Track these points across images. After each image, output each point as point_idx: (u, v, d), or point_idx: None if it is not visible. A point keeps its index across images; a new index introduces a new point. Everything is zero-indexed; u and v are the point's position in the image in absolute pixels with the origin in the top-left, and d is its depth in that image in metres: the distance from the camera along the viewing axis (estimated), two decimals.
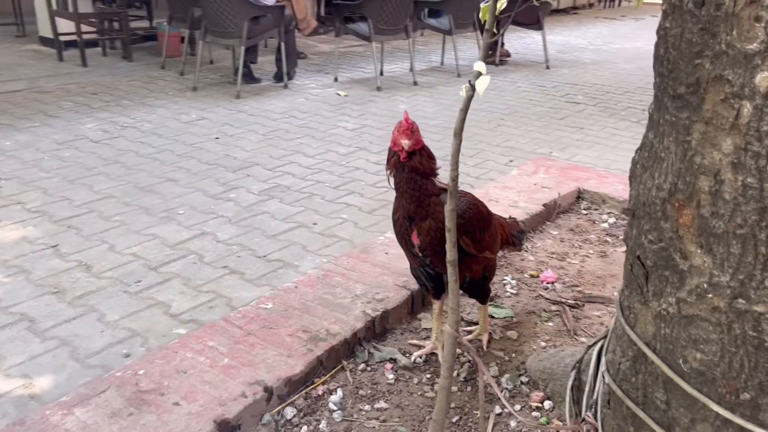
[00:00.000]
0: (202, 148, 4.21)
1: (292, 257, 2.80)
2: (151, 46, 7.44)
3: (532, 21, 7.22)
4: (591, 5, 14.00)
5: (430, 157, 1.56)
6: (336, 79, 6.27)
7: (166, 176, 3.69)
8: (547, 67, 7.20)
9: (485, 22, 1.22)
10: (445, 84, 6.31)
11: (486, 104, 5.57)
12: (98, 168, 3.78)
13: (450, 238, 1.30)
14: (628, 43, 9.33)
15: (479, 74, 1.18)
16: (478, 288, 1.67)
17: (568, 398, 1.41)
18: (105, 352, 2.13)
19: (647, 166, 0.98)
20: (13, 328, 2.24)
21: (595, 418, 1.25)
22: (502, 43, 7.33)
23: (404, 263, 2.08)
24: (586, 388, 1.36)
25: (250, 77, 5.92)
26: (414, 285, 1.92)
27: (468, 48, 7.96)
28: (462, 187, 3.57)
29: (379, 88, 5.95)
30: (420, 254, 1.58)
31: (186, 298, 2.46)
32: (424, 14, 6.98)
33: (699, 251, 0.89)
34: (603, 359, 1.31)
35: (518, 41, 8.73)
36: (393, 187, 1.60)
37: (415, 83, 6.23)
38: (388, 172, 1.58)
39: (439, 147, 4.35)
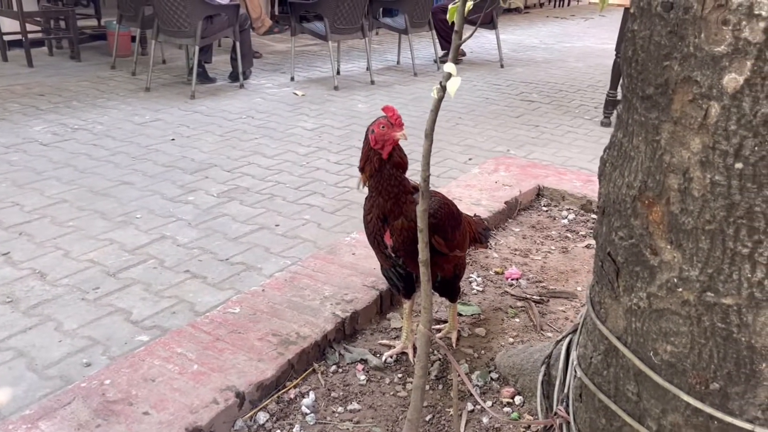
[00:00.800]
0: (158, 150, 4.12)
1: (255, 260, 2.76)
2: (99, 46, 7.24)
3: (486, 20, 7.30)
4: (542, 4, 14.24)
5: (404, 154, 1.56)
6: (292, 79, 6.23)
7: (122, 179, 3.60)
8: (502, 66, 7.30)
9: (452, 23, 1.23)
10: (402, 83, 6.33)
11: (444, 104, 5.57)
12: (49, 172, 3.67)
13: (422, 238, 1.31)
14: (579, 42, 9.53)
15: (449, 75, 1.19)
16: (449, 286, 1.69)
17: (539, 393, 1.44)
18: (64, 362, 2.07)
19: (617, 165, 1.01)
20: None
21: (567, 412, 1.27)
22: None
23: (372, 263, 2.09)
24: (557, 383, 1.38)
25: (204, 77, 5.82)
26: (383, 285, 1.92)
27: (423, 47, 7.99)
28: (438, 187, 3.60)
29: (336, 88, 5.93)
30: (392, 254, 1.58)
31: (147, 304, 2.40)
32: (379, 13, 6.99)
33: (669, 247, 0.91)
34: (573, 354, 1.34)
35: (471, 41, 8.81)
36: (360, 188, 1.60)
37: (373, 82, 6.24)
38: (366, 174, 1.56)
39: (402, 145, 4.37)
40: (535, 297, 2.01)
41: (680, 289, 0.91)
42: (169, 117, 4.85)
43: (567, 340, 1.46)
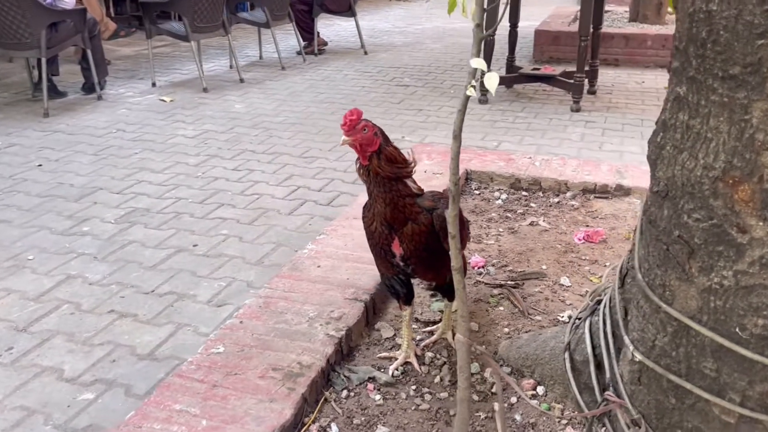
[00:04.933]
0: (26, 179, 3.65)
1: (184, 287, 2.53)
2: None
3: (344, 8, 7.25)
4: None
5: (390, 160, 1.46)
6: (154, 84, 5.80)
7: None
8: (366, 53, 7.30)
9: (472, 17, 1.16)
10: (272, 79, 6.12)
11: (321, 95, 5.50)
12: None
13: (454, 245, 1.24)
14: (428, 24, 9.77)
15: (481, 71, 1.12)
16: (453, 287, 1.63)
17: (573, 382, 1.43)
18: None
19: (683, 148, 1.01)
20: None
21: (617, 396, 1.27)
22: (318, 32, 7.28)
23: (343, 274, 1.98)
24: (592, 368, 1.38)
25: (54, 91, 5.25)
26: (364, 296, 1.83)
27: (282, 40, 7.78)
28: (360, 181, 3.51)
29: (205, 89, 5.60)
30: (401, 263, 1.49)
31: (78, 357, 2.12)
32: (236, 8, 6.69)
33: (761, 224, 0.93)
34: (609, 336, 1.34)
35: (326, 29, 8.72)
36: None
37: (242, 80, 5.97)
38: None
39: (293, 144, 4.23)
40: (509, 282, 2.01)
41: None
42: (26, 140, 4.32)
43: (587, 324, 1.46)
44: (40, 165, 3.86)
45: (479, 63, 1.10)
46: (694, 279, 1.05)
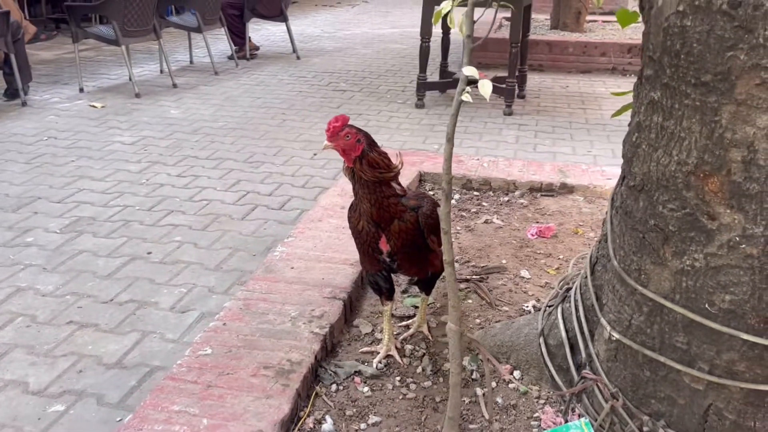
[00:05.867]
0: None
1: (144, 294, 2.51)
2: None
3: (275, 13, 7.24)
4: None
5: (373, 165, 1.53)
6: (82, 90, 5.61)
7: None
8: (298, 58, 7.32)
9: (460, 28, 1.25)
10: (206, 83, 6.05)
11: (259, 100, 5.49)
12: None
13: (447, 240, 1.33)
14: (357, 29, 9.87)
15: (473, 79, 1.21)
16: (433, 280, 1.73)
17: (549, 363, 1.54)
18: None
19: (658, 146, 1.13)
20: None
21: (593, 374, 1.40)
22: (249, 37, 7.23)
23: (317, 274, 2.03)
24: (567, 350, 1.51)
25: None
26: (342, 294, 1.89)
27: (214, 44, 7.68)
28: (310, 186, 3.53)
29: (137, 95, 5.47)
30: (387, 259, 1.57)
31: (43, 369, 2.07)
32: (165, 12, 6.56)
33: (728, 211, 1.06)
34: (582, 320, 1.47)
35: (255, 33, 8.66)
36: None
37: (175, 85, 5.87)
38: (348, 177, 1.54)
39: (236, 149, 4.22)
40: (474, 277, 2.12)
41: (743, 246, 1.06)
42: None
43: (559, 310, 1.59)
44: None
45: (471, 71, 1.19)
46: (668, 263, 1.18)
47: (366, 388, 1.62)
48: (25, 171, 3.77)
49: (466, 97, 1.19)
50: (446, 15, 1.35)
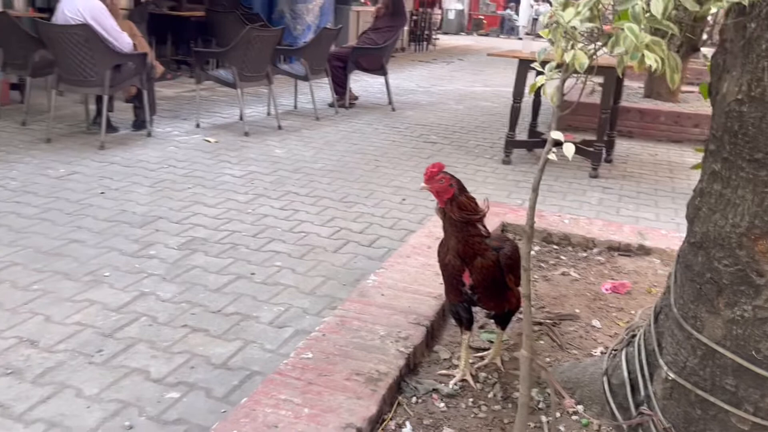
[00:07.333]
0: (91, 204, 3.97)
1: (247, 309, 2.82)
2: None
3: (376, 67, 7.73)
4: (403, 49, 15.10)
5: (462, 208, 1.78)
6: (198, 125, 6.19)
7: (68, 237, 3.45)
8: (393, 109, 7.74)
9: (551, 99, 1.50)
10: (308, 128, 6.52)
11: (355, 146, 5.88)
12: None
13: (525, 276, 1.55)
14: (450, 85, 10.29)
15: (558, 141, 1.44)
16: (509, 317, 1.94)
17: (610, 400, 1.71)
18: (103, 427, 2.03)
19: (716, 209, 1.33)
20: None
21: (649, 410, 1.56)
22: (350, 87, 7.73)
23: (404, 303, 2.27)
24: (628, 389, 1.67)
25: (108, 126, 5.63)
26: (426, 321, 2.12)
27: (316, 91, 8.24)
28: (397, 228, 3.81)
29: (247, 134, 5.99)
30: (469, 291, 1.80)
31: (161, 362, 2.39)
32: (280, 61, 7.16)
33: None
34: (644, 363, 1.63)
35: (355, 84, 9.20)
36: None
37: (280, 127, 6.37)
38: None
39: (333, 189, 4.57)
40: (548, 321, 2.30)
41: None
42: (86, 170, 4.67)
43: (623, 353, 1.76)
44: (102, 192, 4.19)
45: (558, 135, 1.43)
46: (721, 312, 1.35)
47: (442, 404, 1.83)
48: (149, 193, 4.25)
49: (552, 157, 1.42)
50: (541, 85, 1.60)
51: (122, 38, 5.22)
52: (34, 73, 5.69)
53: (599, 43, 1.41)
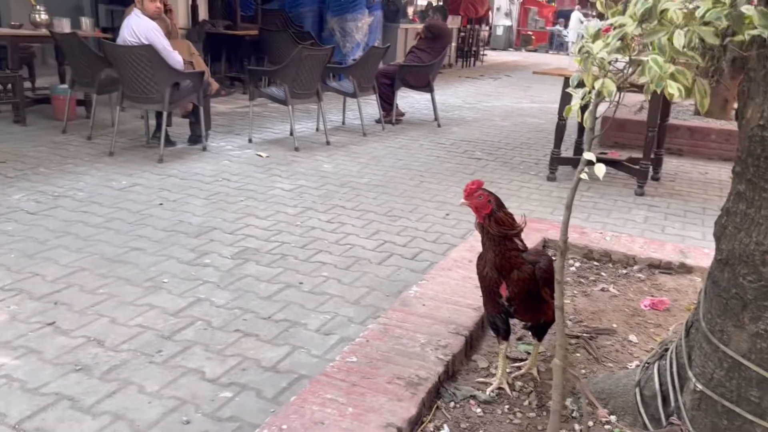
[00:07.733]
0: (151, 215, 4.21)
1: (296, 316, 2.96)
2: (39, 109, 7.12)
3: (423, 84, 7.87)
4: (450, 65, 15.23)
5: (499, 223, 1.88)
6: (251, 140, 6.44)
7: (129, 245, 3.67)
8: (439, 126, 7.85)
9: (585, 121, 1.59)
10: (356, 143, 6.70)
11: (400, 161, 6.02)
12: (52, 241, 3.68)
13: (559, 289, 1.64)
14: (497, 101, 10.35)
15: (590, 161, 1.54)
16: (545, 328, 2.02)
17: (642, 410, 1.77)
18: (163, 422, 2.19)
19: (741, 228, 1.40)
20: (56, 408, 2.22)
21: (680, 420, 1.62)
22: (396, 104, 7.89)
23: (444, 313, 2.38)
24: (659, 400, 1.73)
25: (167, 140, 5.92)
26: (465, 331, 2.22)
27: (363, 107, 8.43)
28: (440, 242, 3.92)
29: (297, 149, 6.19)
30: (506, 303, 1.89)
31: (215, 364, 2.55)
32: (329, 78, 7.38)
33: None
34: (675, 375, 1.69)
35: (401, 101, 9.36)
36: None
37: (328, 143, 6.56)
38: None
39: (378, 204, 4.70)
40: (585, 335, 2.37)
41: None
42: (146, 182, 4.93)
43: (656, 366, 1.82)
44: (161, 204, 4.43)
45: (590, 156, 1.52)
46: (746, 326, 1.41)
47: (479, 410, 1.92)
48: (204, 205, 4.47)
49: (583, 176, 1.52)
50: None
51: (173, 57, 5.49)
52: (100, 90, 6.03)
53: (630, 70, 1.51)
